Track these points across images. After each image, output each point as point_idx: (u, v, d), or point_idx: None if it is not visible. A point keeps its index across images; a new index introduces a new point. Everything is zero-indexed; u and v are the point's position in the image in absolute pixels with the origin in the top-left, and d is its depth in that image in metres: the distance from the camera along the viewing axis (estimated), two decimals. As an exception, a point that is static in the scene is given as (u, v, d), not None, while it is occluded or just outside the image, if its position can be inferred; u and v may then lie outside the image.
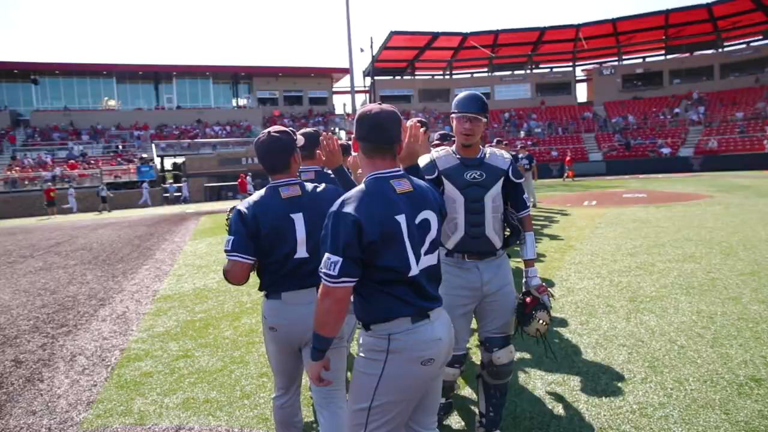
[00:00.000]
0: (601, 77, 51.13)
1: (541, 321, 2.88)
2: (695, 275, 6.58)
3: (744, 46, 46.25)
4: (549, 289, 3.06)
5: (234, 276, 2.53)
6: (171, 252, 11.57)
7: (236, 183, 28.15)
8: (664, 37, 48.05)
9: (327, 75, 50.64)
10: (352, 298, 2.01)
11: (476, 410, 3.22)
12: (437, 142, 4.94)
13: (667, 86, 47.70)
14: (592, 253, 8.28)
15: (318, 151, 2.99)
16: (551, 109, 50.49)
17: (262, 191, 2.62)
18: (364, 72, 53.73)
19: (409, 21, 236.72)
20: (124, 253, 11.73)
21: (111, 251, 12.05)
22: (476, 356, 4.44)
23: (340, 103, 52.76)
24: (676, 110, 43.44)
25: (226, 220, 2.67)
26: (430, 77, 55.65)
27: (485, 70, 54.96)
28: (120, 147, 39.05)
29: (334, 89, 52.56)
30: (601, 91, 50.50)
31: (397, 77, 54.34)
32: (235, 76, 47.85)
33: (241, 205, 2.58)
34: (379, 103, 2.09)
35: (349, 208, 1.91)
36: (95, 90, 44.37)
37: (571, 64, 53.66)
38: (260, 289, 2.67)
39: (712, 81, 45.79)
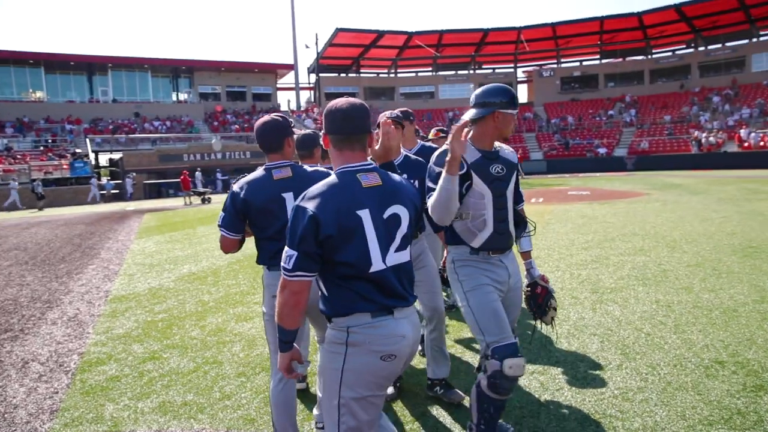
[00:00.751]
0: (541, 79, 52.93)
1: (554, 309, 3.00)
2: (648, 267, 6.92)
3: (670, 53, 49.17)
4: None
5: (224, 247, 2.93)
6: (117, 251, 11.01)
7: (178, 180, 27.14)
8: (599, 43, 50.35)
9: (271, 71, 49.76)
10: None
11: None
12: (434, 137, 4.99)
13: (603, 89, 50.00)
14: (548, 248, 8.55)
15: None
16: (494, 109, 51.70)
17: (257, 172, 2.86)
18: (308, 69, 53.25)
19: (355, 19, 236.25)
20: (65, 252, 11.06)
21: (49, 251, 11.33)
22: (466, 357, 4.49)
23: (285, 100, 52.13)
24: (611, 112, 45.61)
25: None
26: (375, 75, 55.80)
27: (430, 69, 55.66)
28: (50, 141, 36.77)
29: (278, 85, 51.78)
30: (541, 93, 52.31)
31: (342, 75, 54.13)
32: (175, 70, 46.14)
33: (236, 185, 2.82)
34: (348, 98, 2.10)
35: (308, 203, 1.90)
36: (21, 80, 41.54)
37: (512, 65, 55.25)
38: (258, 262, 2.90)
39: (642, 85, 48.40)
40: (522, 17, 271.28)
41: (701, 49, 46.45)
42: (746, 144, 32.94)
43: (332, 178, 2.00)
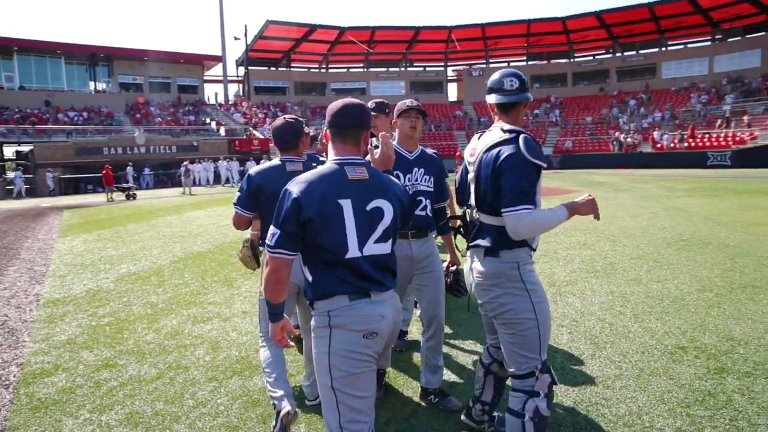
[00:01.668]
0: (471, 78, 54.30)
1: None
2: (595, 260, 7.24)
3: (591, 58, 51.99)
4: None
5: (237, 224, 3.30)
6: (40, 251, 10.13)
7: (100, 175, 25.44)
8: (526, 45, 52.37)
9: (198, 62, 47.76)
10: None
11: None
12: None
13: (529, 89, 51.91)
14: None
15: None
16: (425, 106, 52.00)
17: (273, 162, 3.27)
18: (237, 61, 51.67)
19: (287, 11, 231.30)
20: (-22, 253, 10.03)
21: (-41, 252, 10.24)
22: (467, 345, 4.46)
23: (212, 93, 50.30)
24: (537, 111, 47.59)
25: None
26: (306, 70, 55.07)
27: (361, 65, 55.65)
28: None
29: (205, 77, 49.81)
30: (470, 91, 53.66)
31: (273, 68, 52.97)
32: (92, 57, 43.19)
33: (252, 170, 3.25)
34: (349, 98, 2.26)
35: (295, 187, 2.04)
36: None
37: (443, 64, 56.34)
38: (262, 244, 3.19)
39: (566, 87, 50.89)
40: (453, 17, 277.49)
41: (618, 55, 49.49)
42: (659, 145, 35.46)
43: (322, 167, 2.14)
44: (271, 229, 2.04)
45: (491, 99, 2.56)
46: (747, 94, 38.96)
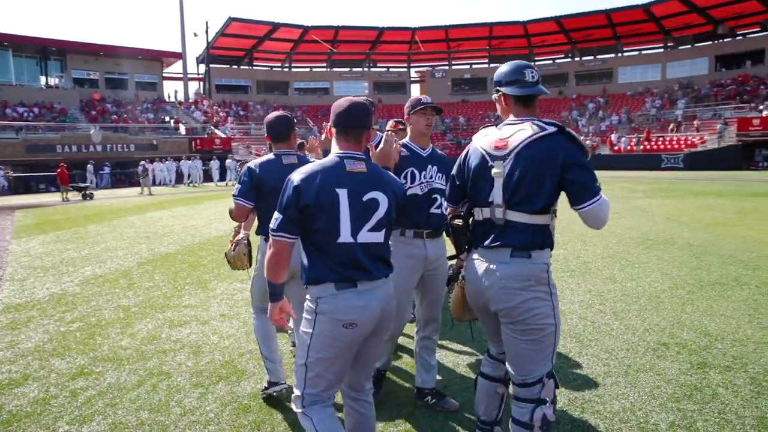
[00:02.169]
0: (434, 79, 54.78)
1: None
2: (569, 260, 7.38)
3: (551, 62, 53.22)
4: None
5: (237, 215, 3.38)
6: (-6, 253, 9.60)
7: (53, 174, 24.38)
8: (488, 47, 53.16)
9: (156, 58, 46.43)
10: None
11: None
12: (392, 128, 4.27)
13: (490, 92, 52.16)
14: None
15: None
16: (388, 107, 52.61)
17: (269, 156, 3.39)
18: (197, 58, 50.56)
19: (249, 8, 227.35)
20: (-74, 256, 9.43)
21: None
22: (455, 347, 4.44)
23: (172, 90, 48.97)
24: (498, 113, 48.33)
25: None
26: (269, 69, 54.32)
27: (324, 65, 55.33)
28: None
29: (164, 74, 48.49)
30: (433, 93, 53.97)
31: (234, 66, 52.03)
32: (43, 51, 41.30)
33: (251, 163, 3.34)
34: (351, 98, 2.40)
35: (296, 176, 2.23)
36: None
37: (406, 64, 56.61)
38: (257, 233, 3.43)
39: (526, 90, 51.77)
40: (416, 18, 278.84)
41: (577, 59, 50.83)
42: (617, 147, 36.62)
43: (324, 159, 2.33)
44: (276, 214, 2.24)
45: (509, 91, 2.39)
46: (697, 99, 40.70)
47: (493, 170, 2.35)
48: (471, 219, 2.54)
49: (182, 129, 39.30)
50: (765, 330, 4.51)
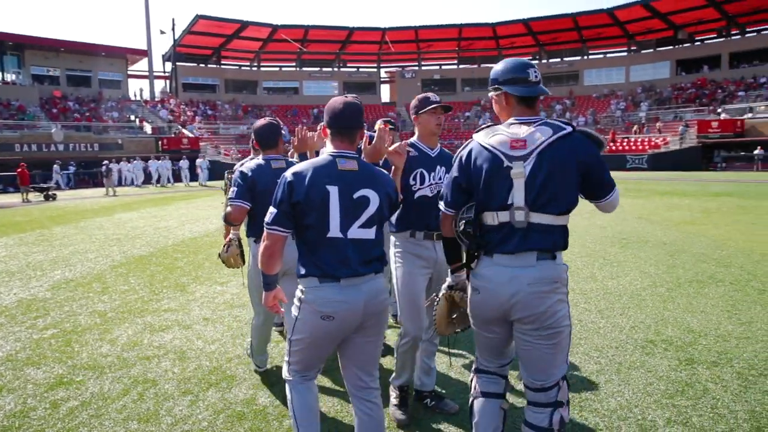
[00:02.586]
0: (404, 80, 54.88)
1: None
2: (549, 258, 7.46)
3: (518, 63, 53.94)
4: None
5: (234, 218, 3.48)
6: (-47, 258, 9.14)
7: (15, 173, 23.43)
8: (457, 49, 53.60)
9: (121, 56, 45.13)
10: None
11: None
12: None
13: (460, 93, 53.29)
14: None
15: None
16: (359, 107, 52.59)
17: (258, 160, 3.55)
18: (164, 56, 49.40)
19: (217, 6, 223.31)
20: None
21: None
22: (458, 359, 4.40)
23: (137, 88, 47.71)
24: (468, 114, 48.86)
25: (225, 183, 3.86)
26: (238, 68, 53.54)
27: (294, 64, 54.87)
28: None
29: (129, 72, 47.18)
30: (403, 93, 54.20)
31: (202, 65, 51.06)
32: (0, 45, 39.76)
33: (243, 167, 3.50)
34: (345, 96, 2.48)
35: (289, 173, 2.34)
36: None
37: (376, 65, 56.61)
38: (248, 235, 3.69)
39: (494, 91, 52.43)
40: (386, 19, 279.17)
41: (544, 61, 51.67)
42: (582, 148, 37.33)
43: (317, 158, 2.42)
44: (270, 209, 2.35)
45: (513, 91, 2.29)
46: (659, 102, 41.95)
47: (512, 171, 2.21)
48: (476, 225, 2.34)
49: (148, 128, 38.35)
50: (744, 326, 4.64)
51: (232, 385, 3.72)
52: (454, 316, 2.69)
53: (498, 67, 2.39)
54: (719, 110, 35.28)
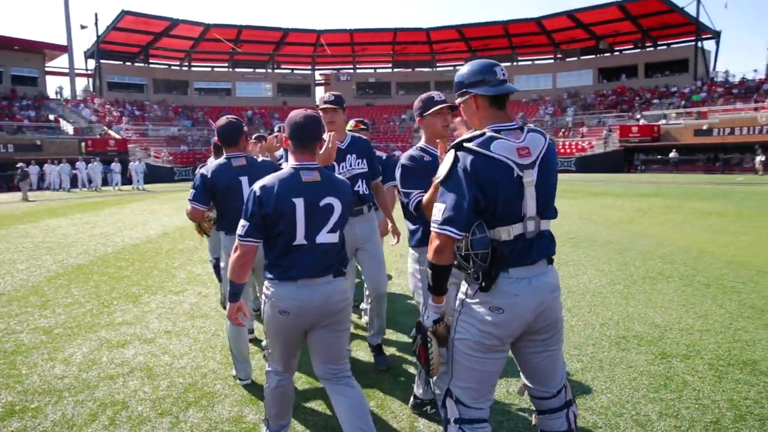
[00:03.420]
0: (339, 82, 54.67)
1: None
2: (507, 258, 7.61)
3: (452, 68, 55.22)
4: None
5: (193, 216, 3.86)
6: None
7: None
8: (392, 52, 54.10)
9: (37, 51, 42.00)
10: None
11: None
12: (353, 128, 4.70)
13: (395, 96, 53.84)
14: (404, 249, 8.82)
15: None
16: (293, 109, 51.07)
17: (219, 160, 3.79)
18: (86, 53, 46.46)
19: (145, 2, 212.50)
20: None
21: None
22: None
23: (56, 86, 44.69)
24: (403, 116, 49.39)
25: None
26: (167, 67, 51.40)
27: (226, 65, 53.40)
28: None
29: (47, 68, 44.04)
30: (339, 96, 54.02)
31: (128, 63, 48.60)
32: None
33: (204, 170, 3.75)
34: (305, 110, 2.66)
35: (258, 188, 2.50)
36: None
37: (311, 67, 56.11)
38: (217, 229, 3.91)
39: (429, 95, 53.37)
40: (321, 21, 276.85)
41: (476, 67, 53.16)
42: (515, 151, 38.73)
43: (282, 171, 2.58)
44: (242, 222, 2.50)
45: (483, 91, 2.17)
46: (584, 107, 44.24)
47: (525, 180, 2.11)
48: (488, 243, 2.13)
49: (70, 129, 35.93)
50: (702, 319, 4.90)
51: (213, 402, 3.48)
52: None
53: (463, 71, 2.26)
54: (638, 116, 37.67)
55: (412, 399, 3.34)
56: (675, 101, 39.17)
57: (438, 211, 2.10)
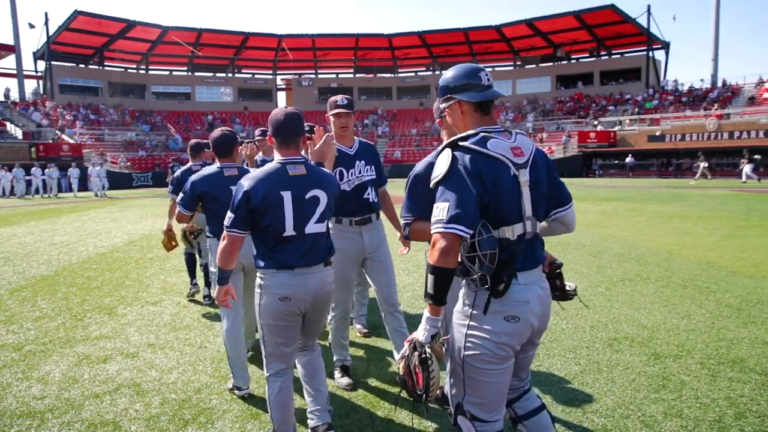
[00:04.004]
0: (300, 87, 54.38)
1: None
2: (488, 262, 7.65)
3: (413, 74, 55.73)
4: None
5: (180, 219, 4.08)
6: None
7: None
8: (354, 58, 54.11)
9: (-19, 50, 40.09)
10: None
11: None
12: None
13: (357, 101, 53.62)
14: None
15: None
16: (254, 114, 51.25)
17: (212, 168, 3.87)
18: (35, 54, 44.58)
19: (100, 2, 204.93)
20: None
21: None
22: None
23: (3, 88, 42.61)
24: (366, 122, 49.44)
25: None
26: (124, 70, 49.89)
27: (185, 69, 52.26)
28: None
29: (-8, 69, 42.04)
30: (300, 101, 53.62)
31: (82, 65, 46.91)
32: None
33: (194, 177, 3.88)
34: (286, 107, 2.85)
35: (246, 182, 2.66)
36: None
37: (272, 72, 55.52)
38: (211, 233, 3.93)
39: (391, 100, 53.74)
40: (283, 25, 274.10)
41: (438, 72, 53.74)
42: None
43: (268, 166, 2.72)
44: (228, 213, 2.67)
45: (468, 97, 2.16)
46: (543, 114, 45.33)
47: (520, 179, 2.10)
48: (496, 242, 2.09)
49: (19, 133, 34.28)
50: (685, 319, 5.03)
51: (212, 419, 3.33)
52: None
53: (447, 75, 2.24)
54: (596, 122, 38.86)
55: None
56: (629, 108, 40.62)
57: (441, 211, 2.01)
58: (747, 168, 25.84)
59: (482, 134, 2.11)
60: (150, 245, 10.22)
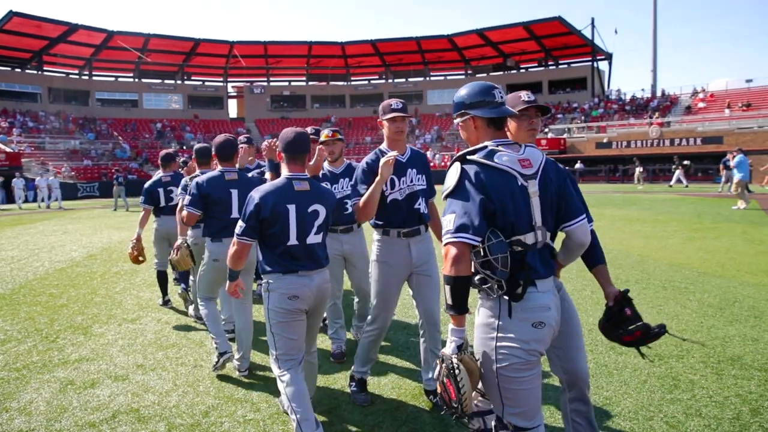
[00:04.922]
0: (252, 95, 53.59)
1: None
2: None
3: (366, 82, 55.90)
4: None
5: (188, 221, 4.26)
6: None
7: None
8: (306, 65, 53.76)
9: None
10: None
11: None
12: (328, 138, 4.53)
13: (310, 109, 53.55)
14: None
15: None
16: (205, 122, 50.08)
17: (214, 172, 4.21)
18: (-35, 56, 41.95)
19: (40, 4, 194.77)
20: None
21: None
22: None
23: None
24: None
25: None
26: (65, 75, 47.67)
27: (132, 75, 50.49)
28: None
29: None
30: (252, 109, 52.89)
31: (18, 70, 44.49)
32: None
33: (199, 179, 4.16)
34: (295, 128, 3.15)
35: (257, 194, 2.97)
36: None
37: (223, 79, 54.45)
38: (204, 235, 4.26)
39: (345, 108, 53.67)
40: (234, 32, 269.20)
41: (390, 81, 54.22)
42: (432, 164, 39.75)
43: (278, 180, 3.06)
44: (240, 223, 2.99)
45: (483, 114, 2.25)
46: (495, 121, 46.36)
47: (529, 189, 2.18)
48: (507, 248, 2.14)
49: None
50: (675, 319, 5.20)
51: (227, 442, 3.13)
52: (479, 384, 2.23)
53: (462, 92, 2.34)
54: (546, 130, 40.09)
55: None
56: (577, 116, 42.16)
57: (449, 222, 2.12)
58: (678, 173, 27.33)
59: (490, 148, 2.21)
60: (112, 258, 9.69)
